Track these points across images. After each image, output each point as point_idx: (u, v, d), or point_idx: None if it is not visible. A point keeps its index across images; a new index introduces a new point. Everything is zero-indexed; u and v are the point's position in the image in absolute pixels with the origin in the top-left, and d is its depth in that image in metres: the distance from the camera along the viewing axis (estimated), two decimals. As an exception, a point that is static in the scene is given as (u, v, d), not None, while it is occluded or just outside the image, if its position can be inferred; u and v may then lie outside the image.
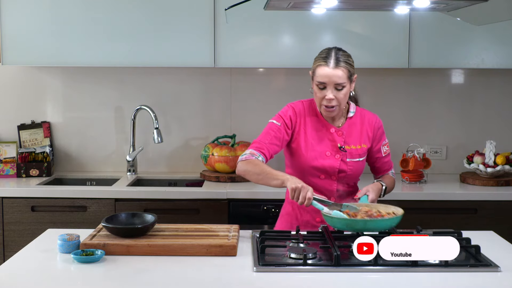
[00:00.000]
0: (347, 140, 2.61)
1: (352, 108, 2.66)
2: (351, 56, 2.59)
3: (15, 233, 3.40)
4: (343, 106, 2.58)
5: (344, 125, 2.63)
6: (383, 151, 2.69)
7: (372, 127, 2.65)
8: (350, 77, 2.53)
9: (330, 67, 2.49)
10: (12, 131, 3.92)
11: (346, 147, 2.60)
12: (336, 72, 2.48)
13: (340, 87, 2.51)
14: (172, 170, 3.98)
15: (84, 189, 3.47)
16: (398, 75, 3.93)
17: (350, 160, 2.59)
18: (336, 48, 2.56)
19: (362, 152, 2.63)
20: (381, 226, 2.30)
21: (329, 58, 2.51)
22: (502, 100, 3.97)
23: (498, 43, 3.61)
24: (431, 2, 2.56)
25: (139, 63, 3.64)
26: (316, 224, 2.61)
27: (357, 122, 2.65)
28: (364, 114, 2.68)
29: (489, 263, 2.12)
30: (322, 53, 2.55)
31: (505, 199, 3.42)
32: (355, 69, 2.58)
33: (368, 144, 2.64)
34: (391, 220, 2.30)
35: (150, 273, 2.06)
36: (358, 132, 2.63)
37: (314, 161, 2.58)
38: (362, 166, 2.65)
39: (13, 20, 3.54)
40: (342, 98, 2.52)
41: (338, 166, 2.58)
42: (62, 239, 2.24)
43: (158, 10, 3.55)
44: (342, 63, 2.50)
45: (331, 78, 2.49)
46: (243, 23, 3.54)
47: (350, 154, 2.60)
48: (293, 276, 2.05)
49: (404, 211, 2.39)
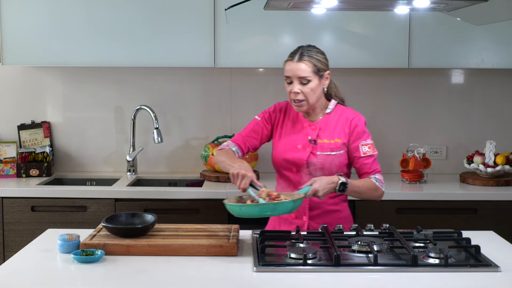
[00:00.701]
0: (321, 134, 2.62)
1: (331, 105, 2.67)
2: (324, 54, 2.63)
3: (15, 233, 3.40)
4: (312, 101, 2.59)
5: (320, 120, 2.65)
6: (362, 151, 2.62)
7: (349, 123, 2.63)
8: (317, 72, 2.56)
9: (294, 61, 2.56)
10: (12, 131, 3.93)
11: (318, 141, 2.60)
12: (298, 66, 2.55)
13: (305, 81, 2.55)
14: (172, 170, 3.98)
15: (84, 189, 3.47)
16: (398, 75, 3.93)
17: (320, 153, 2.59)
18: (307, 45, 2.62)
19: (335, 147, 2.60)
20: (254, 212, 2.26)
21: (295, 53, 2.59)
22: (502, 100, 3.97)
23: (498, 43, 3.61)
24: (431, 2, 2.56)
25: (139, 63, 3.64)
26: (292, 220, 2.62)
27: (334, 118, 2.65)
28: (344, 112, 2.67)
29: (489, 263, 2.12)
30: (293, 50, 2.62)
31: (505, 199, 3.42)
32: (327, 67, 2.62)
33: (343, 139, 2.61)
34: (277, 205, 2.25)
35: (150, 273, 2.06)
36: (333, 126, 2.63)
37: (285, 154, 2.62)
38: (336, 161, 2.60)
39: (13, 20, 3.55)
40: (308, 92, 2.56)
41: (307, 158, 2.59)
42: (62, 239, 2.24)
43: (158, 10, 3.55)
44: (306, 57, 2.55)
45: (294, 72, 2.56)
46: (243, 23, 3.54)
47: (321, 147, 2.60)
48: (293, 276, 2.05)
49: (404, 211, 2.38)
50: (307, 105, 2.59)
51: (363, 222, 2.69)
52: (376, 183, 2.60)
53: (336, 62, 3.60)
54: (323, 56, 2.61)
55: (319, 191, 2.42)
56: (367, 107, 3.96)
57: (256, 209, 2.26)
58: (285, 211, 2.28)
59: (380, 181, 2.62)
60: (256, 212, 2.26)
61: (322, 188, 2.42)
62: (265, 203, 2.27)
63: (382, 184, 2.63)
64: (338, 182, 2.47)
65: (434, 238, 2.36)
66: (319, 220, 2.61)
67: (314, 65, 2.56)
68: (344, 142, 2.62)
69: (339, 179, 2.48)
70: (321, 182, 2.43)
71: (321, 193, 2.42)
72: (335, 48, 3.58)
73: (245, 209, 2.26)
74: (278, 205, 2.25)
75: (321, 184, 2.43)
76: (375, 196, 2.63)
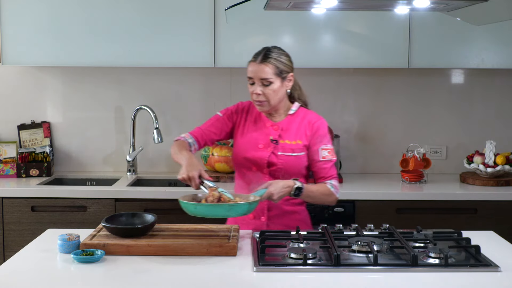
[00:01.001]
0: (283, 135, 2.62)
1: (294, 107, 2.67)
2: (289, 56, 2.63)
3: (15, 233, 3.40)
4: (274, 103, 2.59)
5: (283, 121, 2.66)
6: (321, 155, 2.61)
7: (311, 126, 2.63)
8: (279, 74, 2.56)
9: (257, 62, 2.56)
10: (12, 131, 3.93)
11: (280, 141, 2.61)
12: (261, 67, 2.55)
13: (267, 82, 2.55)
14: (172, 170, 3.98)
15: (84, 189, 3.47)
16: (398, 75, 3.93)
17: (281, 154, 2.59)
18: (272, 47, 2.62)
19: (297, 148, 2.61)
20: (212, 212, 2.26)
21: (259, 54, 2.59)
22: (502, 100, 3.96)
23: (498, 43, 3.61)
24: (431, 2, 2.56)
25: (139, 63, 3.64)
26: (250, 221, 2.62)
27: (297, 119, 2.65)
28: (307, 114, 2.67)
29: (489, 263, 2.12)
30: (258, 51, 2.61)
31: (505, 199, 3.42)
32: (291, 69, 2.61)
33: (304, 141, 2.62)
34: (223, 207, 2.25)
35: (150, 273, 2.06)
36: (295, 128, 2.64)
37: (246, 152, 2.63)
38: (297, 162, 2.60)
39: (13, 20, 3.55)
40: (270, 94, 2.56)
41: (267, 158, 2.59)
42: (62, 239, 2.23)
43: (158, 10, 3.55)
44: (269, 59, 2.55)
45: (256, 73, 2.56)
46: (243, 23, 3.54)
47: (282, 147, 2.60)
48: (293, 276, 2.05)
49: (404, 211, 2.38)
50: (268, 106, 2.59)
51: (363, 222, 2.70)
52: (331, 189, 2.61)
53: (336, 62, 3.64)
54: (287, 58, 2.61)
55: (274, 195, 2.42)
56: (367, 107, 3.97)
57: (211, 209, 2.25)
58: (240, 212, 2.28)
59: (336, 187, 2.63)
60: (211, 213, 2.26)
61: (277, 192, 2.43)
62: (220, 204, 2.27)
63: (337, 190, 2.64)
64: (294, 187, 2.48)
65: (434, 238, 2.36)
66: (277, 221, 2.62)
67: (276, 67, 2.56)
68: (305, 144, 2.62)
69: (295, 184, 2.48)
70: (277, 186, 2.43)
71: (276, 197, 2.43)
72: (335, 48, 3.58)
73: (200, 208, 2.25)
74: (233, 207, 2.25)
75: (277, 187, 2.43)
76: (329, 201, 2.64)
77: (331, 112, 3.92)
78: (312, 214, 2.80)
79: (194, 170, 2.39)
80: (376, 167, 3.97)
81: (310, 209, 2.78)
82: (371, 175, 3.90)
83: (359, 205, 3.37)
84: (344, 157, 3.91)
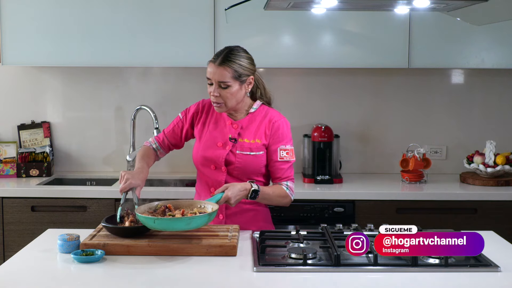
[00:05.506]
0: (242, 133, 2.61)
1: (256, 105, 2.65)
2: (250, 59, 2.59)
3: (15, 233, 3.40)
4: (231, 105, 2.56)
5: (243, 119, 2.63)
6: (280, 156, 2.59)
7: (271, 124, 2.60)
8: (238, 77, 2.52)
9: (216, 64, 2.52)
10: (12, 131, 3.93)
11: (239, 140, 2.59)
12: (218, 70, 2.51)
13: (224, 85, 2.52)
14: (172, 170, 3.98)
15: (84, 189, 3.47)
16: (398, 75, 3.93)
17: (239, 153, 2.57)
18: (234, 47, 2.57)
19: (256, 147, 2.59)
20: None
21: (219, 56, 2.54)
22: (502, 100, 3.97)
23: (498, 43, 3.61)
24: (431, 2, 2.57)
25: (139, 63, 3.64)
26: (220, 221, 2.61)
27: (258, 118, 2.63)
28: (269, 113, 2.64)
29: (489, 263, 2.12)
30: (220, 50, 2.58)
31: (505, 199, 3.42)
32: (251, 72, 2.57)
33: (264, 140, 2.59)
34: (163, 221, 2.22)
35: (150, 273, 2.06)
36: (255, 127, 2.61)
37: (204, 151, 2.62)
38: (255, 162, 2.58)
39: (13, 20, 3.55)
40: (227, 96, 2.53)
41: (225, 157, 2.58)
42: (62, 239, 2.24)
43: (158, 10, 3.55)
44: (228, 62, 2.50)
45: (214, 75, 2.52)
46: (243, 23, 3.54)
47: (240, 146, 2.58)
48: (293, 276, 2.05)
49: (404, 211, 2.38)
50: (225, 107, 2.57)
51: (363, 222, 2.70)
52: (287, 190, 2.60)
53: (336, 62, 3.63)
54: (247, 61, 2.56)
55: (231, 199, 2.42)
56: (367, 107, 3.97)
57: (170, 223, 2.22)
58: (200, 224, 2.25)
59: (291, 189, 2.62)
60: (170, 227, 2.23)
61: (234, 195, 2.43)
62: (180, 217, 2.24)
63: (292, 192, 2.63)
64: (250, 190, 2.48)
65: (434, 238, 2.36)
66: (235, 218, 2.60)
67: (235, 71, 2.51)
68: (264, 143, 2.60)
69: (252, 187, 2.48)
70: (234, 189, 2.43)
71: (233, 201, 2.43)
72: (335, 48, 3.58)
73: (160, 222, 2.21)
74: (193, 219, 2.22)
75: (234, 191, 2.43)
76: (283, 203, 2.63)
77: (331, 112, 3.92)
78: (312, 214, 2.80)
79: (132, 179, 2.44)
80: (376, 167, 3.97)
81: (310, 209, 2.78)
82: (371, 175, 3.90)
83: (359, 205, 3.37)
84: (344, 157, 3.91)
